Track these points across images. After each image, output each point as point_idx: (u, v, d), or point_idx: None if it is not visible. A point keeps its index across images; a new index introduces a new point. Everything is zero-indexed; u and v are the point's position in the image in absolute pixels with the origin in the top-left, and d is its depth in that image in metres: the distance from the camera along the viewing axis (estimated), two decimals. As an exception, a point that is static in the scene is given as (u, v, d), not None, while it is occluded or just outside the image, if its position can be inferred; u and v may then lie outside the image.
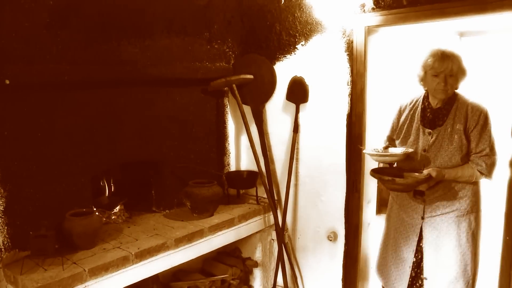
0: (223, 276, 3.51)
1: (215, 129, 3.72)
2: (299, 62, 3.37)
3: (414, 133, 2.76)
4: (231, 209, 3.42)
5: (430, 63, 2.59)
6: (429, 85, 2.66)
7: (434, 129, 2.68)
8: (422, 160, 2.72)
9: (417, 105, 2.80)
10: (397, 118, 2.90)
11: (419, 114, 2.76)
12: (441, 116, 2.70)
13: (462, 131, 2.61)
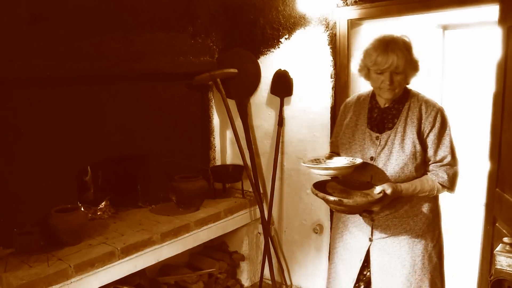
0: (210, 270, 3.51)
1: (200, 123, 3.72)
2: (283, 56, 3.38)
3: (360, 137, 2.31)
4: (217, 203, 3.42)
5: (372, 58, 2.13)
6: (374, 83, 2.23)
7: (383, 133, 2.26)
8: (370, 170, 2.26)
9: (363, 104, 2.37)
10: (341, 119, 2.46)
11: (366, 115, 2.33)
12: (391, 118, 2.28)
13: (416, 135, 2.21)
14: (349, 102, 2.47)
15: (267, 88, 3.50)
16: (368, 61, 2.15)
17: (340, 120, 2.48)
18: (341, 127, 2.44)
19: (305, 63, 3.26)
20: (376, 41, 2.16)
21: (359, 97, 2.43)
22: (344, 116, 2.45)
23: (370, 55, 2.14)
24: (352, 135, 2.35)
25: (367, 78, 2.26)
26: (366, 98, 2.38)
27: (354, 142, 2.32)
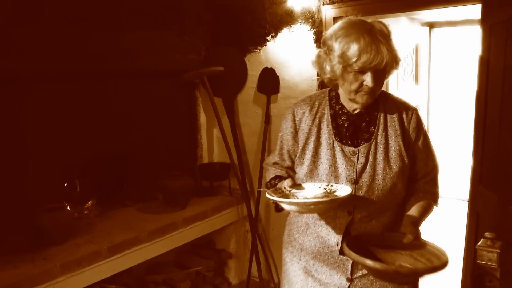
0: (197, 268, 3.51)
1: (187, 121, 3.72)
2: (270, 54, 3.38)
3: (329, 154, 1.77)
4: (204, 201, 3.42)
5: (353, 53, 1.59)
6: (350, 84, 1.67)
7: (359, 146, 1.77)
8: (350, 198, 1.67)
9: (322, 109, 1.84)
10: (291, 132, 1.88)
11: (330, 124, 1.80)
12: (366, 126, 1.80)
13: (402, 146, 1.79)
14: (299, 107, 1.88)
15: (253, 86, 3.51)
16: (347, 57, 1.61)
17: (287, 132, 1.89)
18: (291, 141, 1.89)
19: (292, 61, 3.27)
20: (351, 28, 1.63)
21: (312, 100, 1.88)
22: (293, 126, 1.87)
23: (348, 48, 1.60)
24: (315, 152, 1.80)
25: (339, 78, 1.70)
26: (324, 102, 1.86)
27: (321, 162, 1.79)
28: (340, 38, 1.63)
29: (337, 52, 1.63)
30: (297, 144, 1.88)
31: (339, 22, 1.71)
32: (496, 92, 2.34)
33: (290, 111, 1.91)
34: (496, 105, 2.34)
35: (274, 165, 1.99)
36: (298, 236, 1.95)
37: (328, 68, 1.70)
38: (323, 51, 1.72)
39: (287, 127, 1.90)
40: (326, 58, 1.70)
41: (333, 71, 1.69)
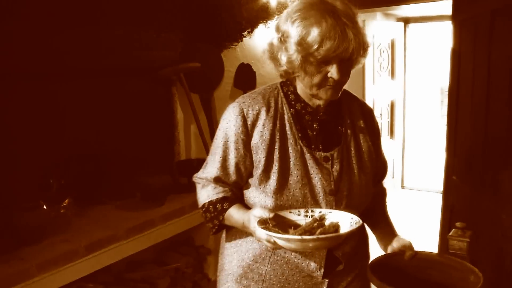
0: (177, 264, 3.51)
1: (164, 118, 3.70)
2: (246, 49, 3.40)
3: (298, 163, 1.46)
4: (182, 198, 3.41)
5: (316, 39, 1.32)
6: (311, 78, 1.40)
7: (332, 151, 1.51)
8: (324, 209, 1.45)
9: (280, 109, 1.51)
10: (242, 139, 1.49)
11: (293, 127, 1.50)
12: (332, 126, 1.56)
13: (371, 145, 1.62)
14: (249, 106, 1.50)
15: (230, 82, 3.52)
16: (306, 44, 1.34)
17: (235, 139, 1.49)
18: (242, 151, 1.49)
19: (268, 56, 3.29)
20: (309, 9, 1.36)
21: (265, 98, 1.52)
22: (244, 132, 1.48)
23: (308, 33, 1.33)
24: (283, 163, 1.46)
25: (299, 70, 1.41)
26: (279, 99, 1.53)
27: (291, 174, 1.46)
28: (298, 22, 1.35)
29: (294, 39, 1.35)
30: (249, 154, 1.48)
31: (295, 2, 1.42)
32: (467, 86, 2.40)
33: (236, 111, 1.49)
34: (467, 99, 2.40)
35: (216, 182, 1.54)
36: (256, 265, 1.57)
37: (284, 58, 1.41)
38: (276, 39, 1.44)
39: (234, 132, 1.48)
40: (281, 46, 1.42)
41: (290, 62, 1.41)
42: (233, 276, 1.61)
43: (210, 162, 1.57)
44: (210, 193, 1.55)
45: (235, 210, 1.49)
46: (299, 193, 1.44)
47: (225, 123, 1.51)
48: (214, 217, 1.53)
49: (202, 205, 1.58)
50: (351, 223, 1.34)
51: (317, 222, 1.33)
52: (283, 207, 1.44)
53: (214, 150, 1.55)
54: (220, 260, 1.75)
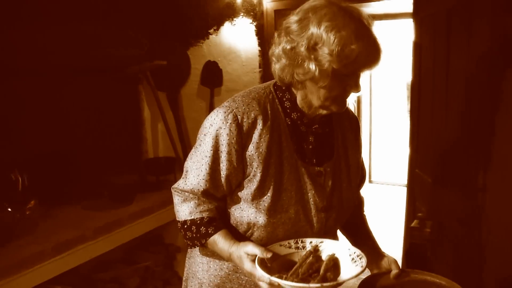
0: (146, 263, 3.50)
1: (131, 116, 3.68)
2: (212, 47, 3.41)
3: (291, 179, 1.36)
4: (150, 196, 3.40)
5: (354, 52, 1.18)
6: (328, 91, 1.26)
7: (324, 165, 1.42)
8: (318, 230, 1.41)
9: (277, 117, 1.37)
10: (236, 150, 1.33)
11: (289, 138, 1.37)
12: (325, 138, 1.45)
13: (359, 157, 1.57)
14: (244, 113, 1.32)
15: (197, 79, 3.52)
16: (345, 56, 1.19)
17: (227, 150, 1.33)
18: (235, 162, 1.34)
19: (234, 53, 3.31)
20: (338, 15, 1.20)
21: (261, 104, 1.35)
22: (238, 141, 1.32)
23: (346, 44, 1.18)
24: (279, 179, 1.35)
25: (323, 81, 1.24)
26: (275, 106, 1.38)
27: (285, 189, 1.35)
28: (335, 31, 1.18)
29: (331, 49, 1.18)
30: (241, 166, 1.34)
31: (319, 4, 1.25)
32: (428, 82, 2.47)
33: (230, 118, 1.31)
34: (428, 95, 2.48)
35: (204, 195, 1.39)
36: (236, 275, 1.49)
37: (313, 67, 1.22)
38: (303, 45, 1.22)
39: (227, 141, 1.31)
40: (308, 55, 1.22)
41: (320, 72, 1.22)
42: (208, 285, 1.51)
43: (194, 171, 1.38)
44: (193, 210, 1.39)
45: (221, 238, 1.36)
46: (292, 210, 1.35)
47: (214, 129, 1.32)
48: (195, 238, 1.39)
49: (183, 222, 1.42)
50: (351, 255, 1.29)
51: (313, 255, 1.27)
52: (275, 224, 1.36)
53: (200, 158, 1.36)
54: (189, 266, 1.60)
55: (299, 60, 1.24)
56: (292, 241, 1.34)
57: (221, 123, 1.31)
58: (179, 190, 1.43)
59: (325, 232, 1.43)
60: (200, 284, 1.53)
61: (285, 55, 1.26)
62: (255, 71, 3.22)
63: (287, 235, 1.37)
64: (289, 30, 1.26)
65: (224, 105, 1.36)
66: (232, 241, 1.35)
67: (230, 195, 1.41)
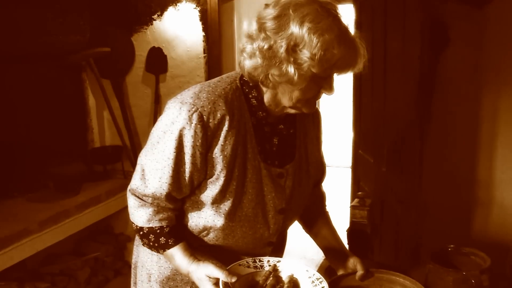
0: (95, 254, 3.46)
1: (75, 105, 3.59)
2: (157, 33, 3.37)
3: (253, 181, 1.31)
4: (97, 186, 3.36)
5: (335, 55, 1.12)
6: (302, 93, 1.20)
7: (286, 166, 1.38)
8: (274, 232, 1.40)
9: (243, 115, 1.29)
10: (200, 153, 1.24)
11: (253, 139, 1.31)
12: (288, 138, 1.40)
13: (318, 155, 1.54)
14: (210, 112, 1.23)
15: (142, 66, 3.48)
16: (326, 60, 1.12)
17: (191, 150, 1.24)
18: (199, 163, 1.25)
19: (178, 39, 3.29)
20: (322, 15, 1.12)
21: (228, 100, 1.27)
22: (203, 142, 1.23)
23: (328, 48, 1.11)
24: (242, 182, 1.29)
25: (299, 84, 1.17)
26: (241, 103, 1.30)
27: (245, 190, 1.30)
28: (318, 33, 1.10)
29: (313, 53, 1.11)
30: (205, 167, 1.27)
31: (299, 4, 1.14)
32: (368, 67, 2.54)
33: (195, 118, 1.21)
34: (368, 78, 2.55)
35: (167, 199, 1.29)
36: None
37: (292, 71, 1.14)
38: (281, 47, 1.13)
39: (191, 143, 1.23)
40: (287, 57, 1.13)
41: (300, 76, 1.15)
42: (157, 277, 1.45)
43: (154, 172, 1.27)
44: (151, 217, 1.30)
45: (179, 253, 1.30)
46: (251, 213, 1.32)
47: (177, 128, 1.22)
48: (153, 246, 1.33)
49: (140, 228, 1.32)
50: (311, 277, 1.27)
51: (273, 275, 1.26)
52: (233, 227, 1.32)
53: (161, 158, 1.25)
54: (138, 254, 1.53)
55: (276, 62, 1.15)
56: (250, 260, 1.30)
57: (185, 123, 1.21)
58: (140, 194, 1.31)
59: (280, 232, 1.43)
60: (148, 275, 1.47)
61: (261, 54, 1.16)
62: (200, 56, 3.22)
63: (244, 236, 1.35)
64: (265, 26, 1.15)
65: (188, 101, 1.23)
66: (192, 258, 1.29)
67: (189, 195, 1.33)
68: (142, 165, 1.31)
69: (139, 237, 1.35)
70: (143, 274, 1.49)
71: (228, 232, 1.33)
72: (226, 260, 1.27)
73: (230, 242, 1.35)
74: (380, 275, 1.42)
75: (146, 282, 1.47)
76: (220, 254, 1.32)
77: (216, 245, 1.36)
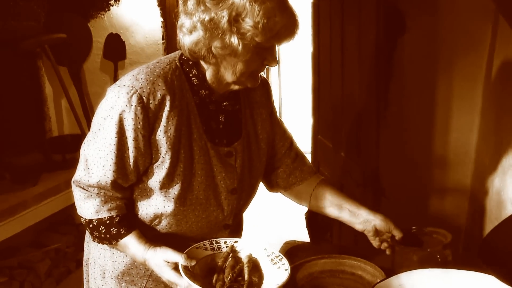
0: (56, 245, 3.40)
1: (31, 93, 3.49)
2: (114, 19, 3.32)
3: (202, 162, 1.28)
4: (57, 176, 3.29)
5: (277, 24, 1.13)
6: (245, 65, 1.20)
7: (234, 144, 1.35)
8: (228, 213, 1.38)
9: (184, 94, 1.26)
10: (143, 135, 1.21)
11: (198, 119, 1.28)
12: (234, 115, 1.37)
13: (269, 130, 1.48)
14: (150, 93, 1.19)
15: (99, 53, 3.42)
16: (269, 29, 1.13)
17: (133, 135, 1.20)
18: (143, 148, 1.22)
19: (137, 25, 3.26)
20: None
21: (167, 80, 1.23)
22: (145, 125, 1.20)
23: (270, 16, 1.11)
24: (189, 164, 1.27)
25: (243, 56, 1.16)
26: (181, 83, 1.26)
27: (194, 172, 1.28)
28: (259, 2, 1.10)
29: (256, 22, 1.10)
30: (149, 151, 1.23)
31: None
32: (326, 53, 2.57)
33: (134, 100, 1.18)
34: (326, 64, 2.58)
35: (113, 187, 1.25)
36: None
37: (235, 42, 1.13)
38: (223, 17, 1.11)
39: (132, 126, 1.19)
40: (229, 28, 1.12)
41: (244, 47, 1.14)
42: (111, 272, 1.40)
43: (97, 161, 1.23)
44: (99, 208, 1.25)
45: (133, 241, 1.27)
46: (203, 195, 1.29)
47: (116, 112, 1.18)
48: (104, 238, 1.28)
49: (89, 221, 1.27)
50: (269, 255, 1.28)
51: (232, 256, 1.26)
52: (185, 211, 1.30)
53: (103, 145, 1.21)
54: (89, 250, 1.48)
55: (218, 33, 1.12)
56: (207, 242, 1.30)
57: (125, 106, 1.17)
58: (85, 185, 1.26)
59: (235, 214, 1.41)
60: (102, 271, 1.41)
61: (202, 26, 1.13)
62: (159, 43, 3.19)
63: (198, 221, 1.33)
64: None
65: (126, 83, 1.20)
66: (147, 245, 1.26)
67: (136, 183, 1.30)
68: (85, 155, 1.26)
69: (89, 231, 1.30)
70: (96, 271, 1.44)
71: (181, 217, 1.31)
72: (182, 248, 1.24)
73: (184, 228, 1.33)
74: (341, 260, 1.45)
75: (100, 279, 1.42)
76: (175, 242, 1.28)
77: (169, 233, 1.33)
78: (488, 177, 2.10)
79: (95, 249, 1.43)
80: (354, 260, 1.44)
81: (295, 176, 1.54)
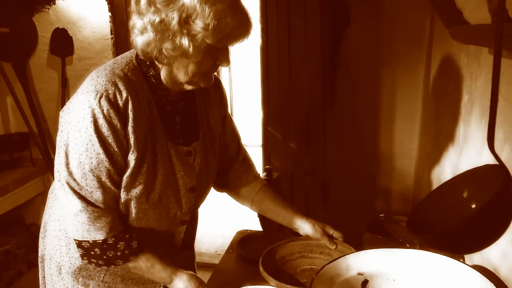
0: (6, 247, 3.31)
1: (-27, 91, 3.37)
2: (60, 13, 3.23)
3: (163, 162, 1.30)
4: (4, 176, 3.21)
5: (229, 25, 1.13)
6: (198, 66, 1.19)
7: (193, 144, 1.38)
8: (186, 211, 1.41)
9: (146, 98, 1.25)
10: (116, 142, 1.20)
11: (158, 119, 1.29)
12: (191, 115, 1.40)
13: (222, 130, 1.54)
14: (116, 94, 1.18)
15: (46, 48, 3.33)
16: (220, 30, 1.12)
17: (118, 136, 1.20)
18: (119, 147, 1.21)
19: (84, 19, 3.18)
20: None
21: (128, 80, 1.22)
22: (118, 130, 1.19)
23: (221, 17, 1.10)
24: (153, 165, 1.28)
25: (194, 57, 1.16)
26: (141, 82, 1.25)
27: (156, 172, 1.29)
28: (210, 3, 1.09)
29: (207, 23, 1.10)
30: (125, 161, 1.23)
31: None
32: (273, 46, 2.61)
33: (104, 104, 1.16)
34: (274, 57, 2.63)
35: (107, 209, 1.24)
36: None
37: (186, 43, 1.12)
38: (173, 19, 1.10)
39: (111, 130, 1.18)
40: (180, 29, 1.11)
41: (195, 48, 1.14)
42: (68, 268, 1.39)
43: (94, 182, 1.21)
44: (113, 224, 1.25)
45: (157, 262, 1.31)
46: (163, 194, 1.30)
47: (90, 122, 1.16)
48: (121, 256, 1.27)
49: (103, 241, 1.24)
50: None
51: None
52: (146, 210, 1.30)
53: (93, 163, 1.19)
54: (44, 246, 1.47)
55: (169, 35, 1.11)
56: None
57: (97, 113, 1.15)
58: (95, 211, 1.22)
59: (192, 211, 1.44)
60: (58, 268, 1.40)
61: (153, 28, 1.12)
62: (107, 38, 3.13)
63: (158, 218, 1.34)
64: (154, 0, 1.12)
65: (89, 89, 1.17)
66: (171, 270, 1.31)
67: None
68: (77, 180, 1.21)
69: (100, 251, 1.24)
70: (52, 267, 1.42)
71: (141, 215, 1.31)
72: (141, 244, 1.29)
73: (144, 226, 1.34)
74: (308, 241, 1.54)
75: (56, 275, 1.41)
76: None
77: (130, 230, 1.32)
78: (430, 162, 2.21)
79: (50, 245, 1.42)
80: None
81: (241, 179, 1.61)
